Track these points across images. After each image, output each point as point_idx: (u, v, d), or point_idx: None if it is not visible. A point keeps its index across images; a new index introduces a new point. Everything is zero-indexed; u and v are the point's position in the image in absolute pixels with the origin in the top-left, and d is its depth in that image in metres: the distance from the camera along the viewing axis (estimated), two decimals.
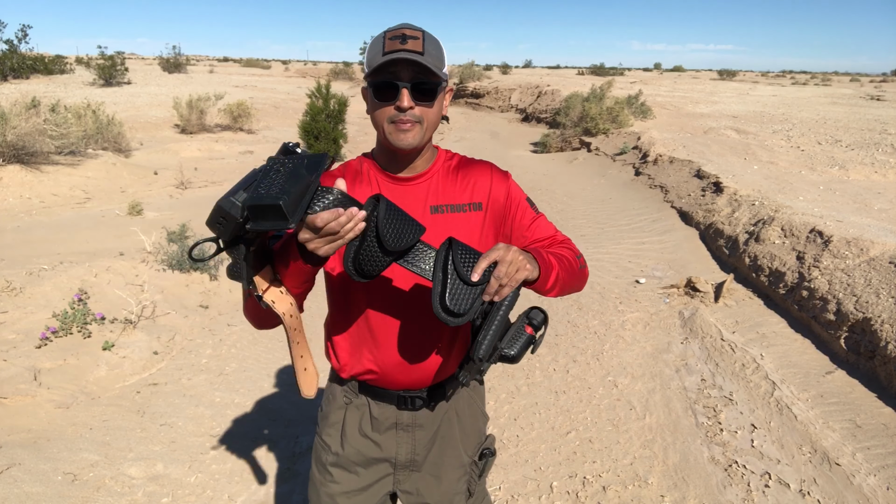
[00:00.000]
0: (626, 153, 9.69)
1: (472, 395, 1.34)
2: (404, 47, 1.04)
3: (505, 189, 1.20)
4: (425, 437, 1.26)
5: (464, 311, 0.93)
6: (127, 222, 5.87)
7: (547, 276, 1.06)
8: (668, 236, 5.84)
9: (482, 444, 1.35)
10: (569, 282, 1.14)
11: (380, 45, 1.06)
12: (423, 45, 1.05)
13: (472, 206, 1.17)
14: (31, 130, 6.79)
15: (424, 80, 1.06)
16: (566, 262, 1.14)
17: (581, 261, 1.21)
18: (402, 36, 1.05)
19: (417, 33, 1.07)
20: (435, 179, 1.19)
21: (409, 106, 1.06)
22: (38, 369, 2.93)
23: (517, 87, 22.15)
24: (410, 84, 1.05)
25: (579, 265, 1.19)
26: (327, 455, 1.30)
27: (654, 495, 2.31)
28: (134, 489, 2.30)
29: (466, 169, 1.22)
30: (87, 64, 23.60)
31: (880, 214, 5.48)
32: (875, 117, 13.89)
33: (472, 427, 1.32)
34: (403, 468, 1.28)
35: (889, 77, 46.46)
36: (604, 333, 3.76)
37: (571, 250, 1.21)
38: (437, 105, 1.11)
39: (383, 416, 1.25)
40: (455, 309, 0.93)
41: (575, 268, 1.16)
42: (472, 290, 0.94)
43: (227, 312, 4.10)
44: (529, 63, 56.38)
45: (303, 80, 31.47)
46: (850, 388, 3.06)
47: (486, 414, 1.39)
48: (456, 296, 0.93)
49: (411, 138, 1.08)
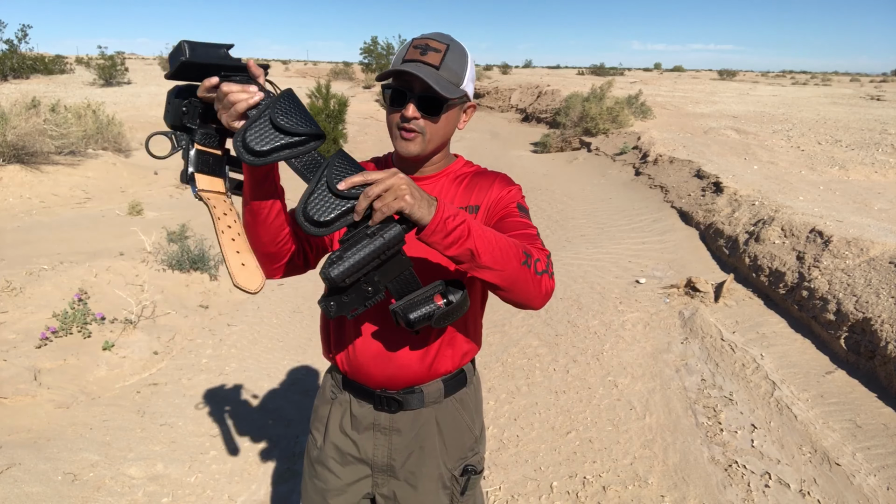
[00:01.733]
0: (626, 153, 9.69)
1: (460, 410, 1.28)
2: (422, 59, 1.05)
3: (506, 191, 1.18)
4: (402, 442, 1.24)
5: (323, 220, 0.89)
6: (127, 222, 5.87)
7: (445, 231, 0.91)
8: (668, 236, 5.84)
9: (466, 461, 1.29)
10: (496, 264, 0.95)
11: (404, 51, 1.09)
12: (441, 59, 1.06)
13: (469, 209, 1.17)
14: (31, 130, 6.78)
15: (432, 94, 1.06)
16: (502, 244, 0.96)
17: (538, 266, 1.00)
18: (425, 47, 1.07)
19: (442, 46, 1.08)
20: (441, 183, 1.20)
21: (414, 116, 1.07)
22: (38, 369, 2.93)
23: (517, 87, 22.16)
24: (418, 96, 1.07)
25: (529, 265, 0.99)
26: (313, 450, 1.31)
27: (654, 495, 2.31)
28: (134, 489, 2.30)
29: (477, 178, 1.21)
30: (87, 64, 23.61)
31: (880, 214, 5.48)
32: (875, 117, 13.90)
33: (455, 441, 1.27)
34: (381, 472, 1.26)
35: (889, 77, 46.47)
36: (604, 333, 3.76)
37: (529, 246, 1.03)
38: (445, 120, 1.12)
39: (362, 415, 1.25)
40: (314, 216, 0.89)
41: (512, 259, 0.96)
42: (337, 202, 0.90)
43: (227, 312, 4.11)
44: (529, 63, 56.40)
45: (303, 80, 31.47)
46: (851, 388, 3.06)
47: (476, 434, 1.32)
48: (318, 203, 0.90)
49: (412, 147, 1.11)
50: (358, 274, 0.91)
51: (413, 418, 1.23)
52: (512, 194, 1.18)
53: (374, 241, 0.90)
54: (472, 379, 1.33)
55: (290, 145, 0.93)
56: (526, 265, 0.98)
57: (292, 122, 0.92)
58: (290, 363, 3.46)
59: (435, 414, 1.25)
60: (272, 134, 0.91)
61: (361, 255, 0.90)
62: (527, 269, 0.98)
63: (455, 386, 1.27)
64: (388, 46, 29.14)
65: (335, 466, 1.27)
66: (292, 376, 3.28)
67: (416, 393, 1.22)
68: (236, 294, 4.39)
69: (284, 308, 4.27)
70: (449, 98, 1.08)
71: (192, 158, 1.00)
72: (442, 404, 1.25)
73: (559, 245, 5.73)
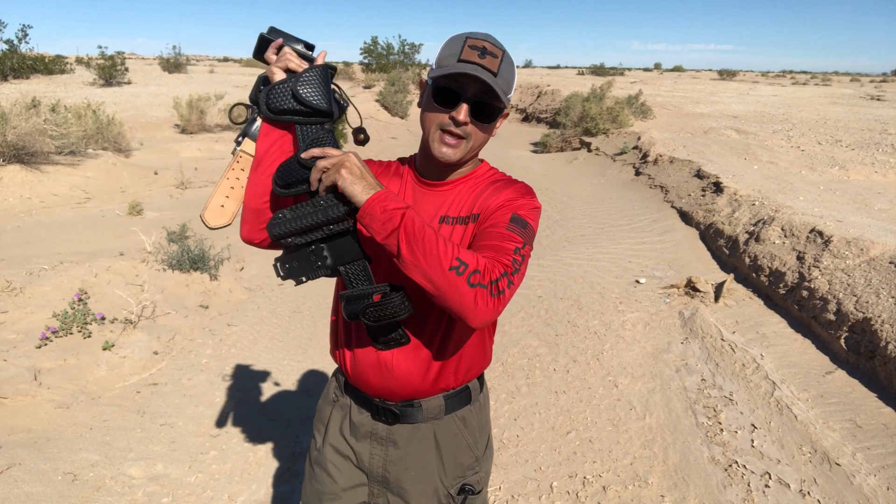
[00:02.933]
0: (626, 153, 9.69)
1: (461, 428, 1.24)
2: (481, 62, 1.01)
3: (509, 200, 1.10)
4: (398, 455, 1.21)
5: (283, 183, 1.01)
6: (127, 222, 5.87)
7: (373, 216, 0.92)
8: (668, 236, 5.84)
9: (464, 479, 1.25)
10: (420, 262, 0.92)
11: (458, 48, 1.03)
12: (499, 65, 1.03)
13: (473, 217, 1.12)
14: (31, 130, 6.78)
15: (488, 101, 1.03)
16: (430, 245, 0.92)
17: (473, 277, 0.92)
18: (483, 49, 1.02)
19: (498, 52, 1.04)
20: (458, 190, 1.15)
21: (465, 121, 1.04)
22: (38, 369, 2.93)
23: (517, 86, 22.15)
24: (473, 100, 1.03)
25: (460, 273, 0.92)
26: (314, 450, 1.31)
27: (654, 495, 2.31)
28: (134, 489, 2.30)
29: (495, 186, 1.14)
30: (88, 64, 23.59)
31: (880, 214, 5.48)
32: (875, 117, 13.89)
33: (452, 459, 1.23)
34: (377, 482, 1.24)
35: (889, 77, 46.45)
36: (604, 333, 3.76)
37: (471, 255, 0.95)
38: (490, 128, 1.09)
39: (361, 422, 1.23)
40: (278, 178, 1.02)
41: (441, 262, 0.92)
42: (298, 170, 1.00)
43: (227, 312, 4.11)
44: (529, 63, 56.38)
45: None
46: (851, 388, 3.06)
47: (478, 454, 1.27)
48: (286, 167, 1.01)
49: (453, 153, 1.07)
50: (299, 238, 0.99)
51: (411, 432, 1.20)
52: (515, 204, 1.09)
53: (317, 211, 0.98)
54: (478, 396, 1.28)
55: (299, 112, 1.04)
56: (455, 271, 0.92)
57: (308, 93, 1.03)
58: (291, 363, 3.46)
59: (434, 430, 1.21)
60: (288, 99, 1.04)
61: (301, 221, 0.98)
62: (455, 276, 0.92)
63: (458, 403, 1.22)
64: (388, 46, 29.12)
65: (332, 470, 1.26)
66: (292, 376, 3.28)
67: (414, 407, 1.18)
68: (236, 294, 4.39)
69: (284, 308, 4.27)
70: (506, 105, 1.06)
71: (252, 127, 1.17)
72: (442, 421, 1.21)
73: (559, 245, 5.72)
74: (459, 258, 0.93)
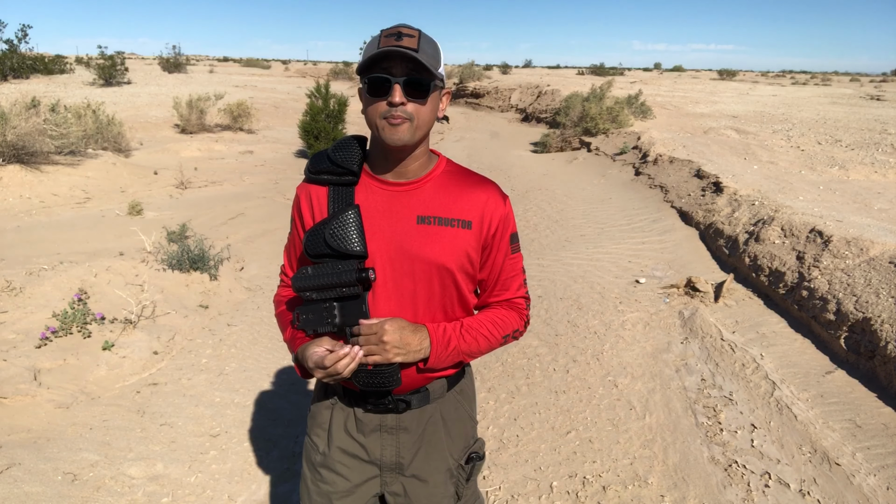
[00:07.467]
0: (626, 153, 9.69)
1: (460, 399, 1.32)
2: (399, 44, 1.04)
3: (500, 216, 1.18)
4: (410, 440, 1.24)
5: (314, 253, 1.14)
6: (127, 222, 5.87)
7: (440, 362, 1.16)
8: (668, 236, 5.84)
9: (470, 448, 1.33)
10: (473, 356, 1.23)
11: (376, 42, 1.07)
12: (418, 42, 1.06)
13: (461, 223, 1.15)
14: (31, 130, 6.78)
15: (417, 77, 1.05)
16: (484, 343, 1.21)
17: (516, 334, 1.26)
18: (398, 34, 1.06)
19: (414, 32, 1.07)
20: (427, 188, 1.17)
21: (401, 101, 1.05)
22: (38, 369, 2.93)
23: (517, 86, 22.13)
24: (403, 80, 1.05)
25: (502, 340, 1.24)
26: (315, 455, 1.30)
27: (654, 495, 2.31)
28: (134, 489, 2.30)
29: (465, 183, 1.19)
30: (87, 64, 23.58)
31: (880, 214, 5.48)
32: (875, 117, 13.90)
33: (458, 431, 1.31)
34: (390, 470, 1.26)
35: (889, 77, 46.46)
36: (604, 333, 3.76)
37: (505, 325, 1.24)
38: (431, 104, 1.10)
39: (367, 418, 1.24)
40: (308, 247, 1.15)
41: (492, 343, 1.22)
42: (326, 247, 1.13)
43: (227, 312, 4.11)
44: (529, 63, 56.34)
45: (303, 79, 31.49)
46: (850, 387, 3.06)
47: (475, 418, 1.38)
48: (314, 239, 1.13)
49: (401, 134, 1.07)
50: (316, 294, 1.11)
51: (419, 415, 1.24)
52: (507, 223, 1.21)
53: (333, 273, 1.10)
54: (467, 368, 1.38)
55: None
56: (504, 340, 1.25)
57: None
58: (290, 363, 3.46)
59: (439, 408, 1.27)
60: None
61: (319, 280, 1.10)
62: (506, 341, 1.25)
63: (455, 378, 1.30)
64: None
65: (343, 469, 1.26)
66: (292, 376, 3.28)
67: (421, 392, 1.23)
68: (236, 294, 4.39)
69: None
70: (438, 79, 1.08)
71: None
72: (445, 398, 1.28)
73: (559, 245, 5.72)
74: (504, 335, 1.23)
